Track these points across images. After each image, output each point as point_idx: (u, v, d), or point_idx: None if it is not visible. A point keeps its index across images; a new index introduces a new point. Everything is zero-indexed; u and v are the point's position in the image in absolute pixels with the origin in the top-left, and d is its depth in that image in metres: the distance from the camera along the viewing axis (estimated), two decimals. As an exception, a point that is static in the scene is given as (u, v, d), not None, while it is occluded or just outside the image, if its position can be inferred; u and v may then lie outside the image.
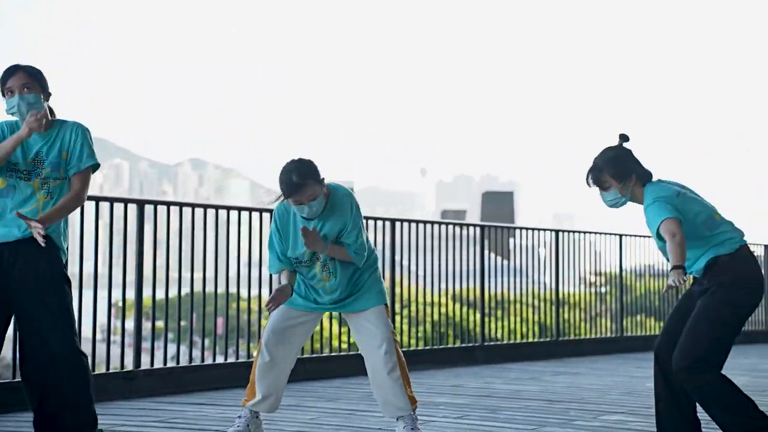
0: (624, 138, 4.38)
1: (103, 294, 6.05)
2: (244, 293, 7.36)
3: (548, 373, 7.99)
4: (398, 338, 4.56)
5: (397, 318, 8.73)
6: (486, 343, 9.01)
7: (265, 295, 7.18)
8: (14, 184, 4.04)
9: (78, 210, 5.43)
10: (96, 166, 4.15)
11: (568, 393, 6.59)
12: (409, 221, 8.57)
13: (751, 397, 6.41)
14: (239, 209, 6.95)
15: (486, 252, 9.48)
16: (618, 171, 4.24)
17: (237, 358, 7.21)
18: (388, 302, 4.60)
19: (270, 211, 7.24)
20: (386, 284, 8.24)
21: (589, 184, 4.33)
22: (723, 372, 4.20)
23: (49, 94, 4.16)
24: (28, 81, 4.08)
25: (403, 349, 8.28)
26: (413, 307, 8.86)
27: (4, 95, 4.12)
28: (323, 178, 4.30)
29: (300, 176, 4.22)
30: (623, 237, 10.66)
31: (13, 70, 4.11)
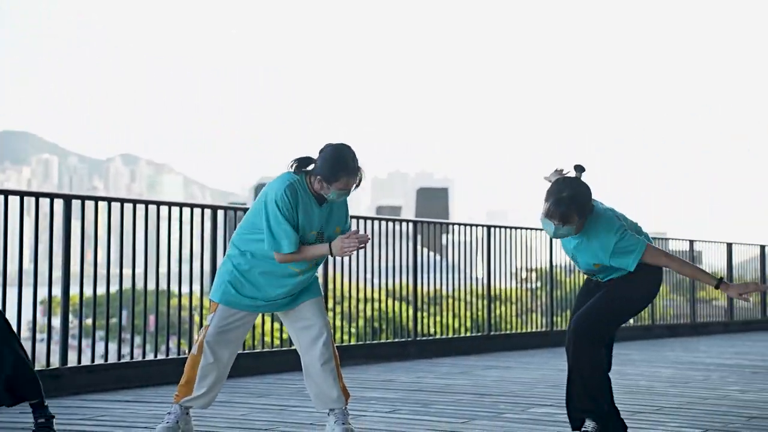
0: (580, 169, 4.38)
1: (29, 291, 5.93)
2: (179, 290, 7.28)
3: (479, 367, 8.08)
4: (331, 333, 4.56)
5: (331, 314, 8.73)
6: (418, 338, 9.06)
7: (197, 291, 7.12)
8: None
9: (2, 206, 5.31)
10: None
11: (498, 387, 6.67)
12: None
13: (677, 387, 6.57)
14: (169, 204, 6.86)
15: (420, 248, 9.54)
16: (584, 211, 4.26)
17: (167, 355, 7.13)
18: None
19: (204, 206, 7.19)
20: (320, 281, 8.28)
21: (550, 216, 4.24)
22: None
23: None
24: None
25: (336, 345, 8.31)
26: (348, 304, 8.86)
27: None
28: None
29: (357, 161, 4.25)
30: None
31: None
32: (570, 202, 4.20)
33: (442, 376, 7.31)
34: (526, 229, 10.76)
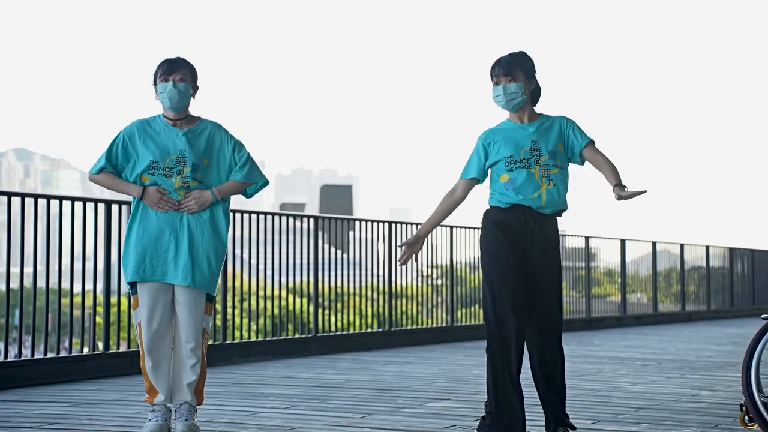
0: None
1: None
2: (71, 288, 7.07)
3: (379, 362, 8.10)
4: (207, 334, 4.51)
5: (236, 311, 8.63)
6: (319, 335, 9.03)
7: (100, 290, 6.94)
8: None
9: None
10: None
11: (397, 381, 6.70)
12: (242, 212, 8.48)
13: (572, 380, 6.71)
14: (60, 199, 6.66)
15: (325, 245, 9.51)
16: (528, 72, 4.23)
17: (58, 353, 6.93)
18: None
19: (100, 201, 7.00)
20: (219, 280, 8.16)
21: (494, 75, 4.21)
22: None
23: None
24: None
25: (238, 341, 8.24)
26: (251, 300, 8.77)
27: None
28: None
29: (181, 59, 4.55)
30: (454, 229, 10.92)
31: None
32: (518, 59, 4.22)
33: (341, 372, 7.30)
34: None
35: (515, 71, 4.18)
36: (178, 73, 4.42)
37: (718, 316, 16.42)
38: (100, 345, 6.97)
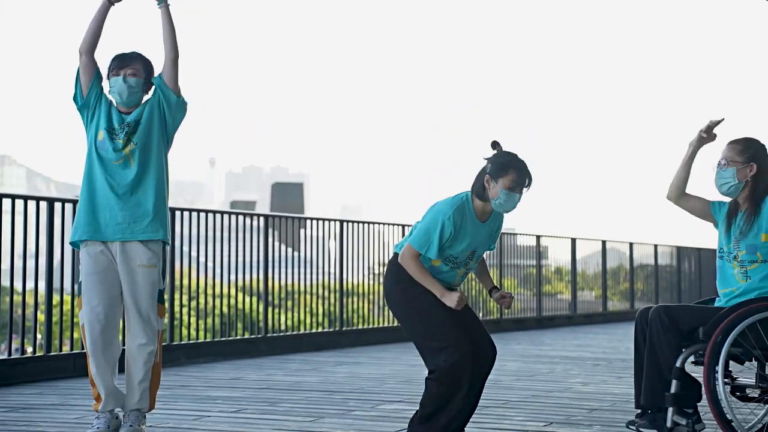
0: (496, 145, 4.11)
1: None
2: (11, 286, 6.86)
3: (330, 363, 7.99)
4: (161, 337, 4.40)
5: (184, 310, 8.47)
6: (269, 335, 8.90)
7: (42, 288, 6.74)
8: None
9: None
10: None
11: (348, 383, 6.61)
12: (192, 210, 8.34)
13: (523, 381, 6.69)
14: (1, 197, 6.44)
15: (275, 243, 9.38)
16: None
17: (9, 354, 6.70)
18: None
19: (45, 199, 6.79)
20: (167, 279, 7.99)
21: (522, 184, 4.00)
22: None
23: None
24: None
25: (186, 342, 8.07)
26: (200, 299, 8.60)
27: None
28: None
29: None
30: (406, 228, 10.86)
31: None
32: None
33: (291, 373, 7.19)
34: (380, 224, 10.77)
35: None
36: (129, 68, 4.29)
37: (666, 314, 16.55)
38: (43, 346, 6.78)
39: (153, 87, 4.36)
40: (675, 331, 4.05)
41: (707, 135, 4.19)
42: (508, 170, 3.96)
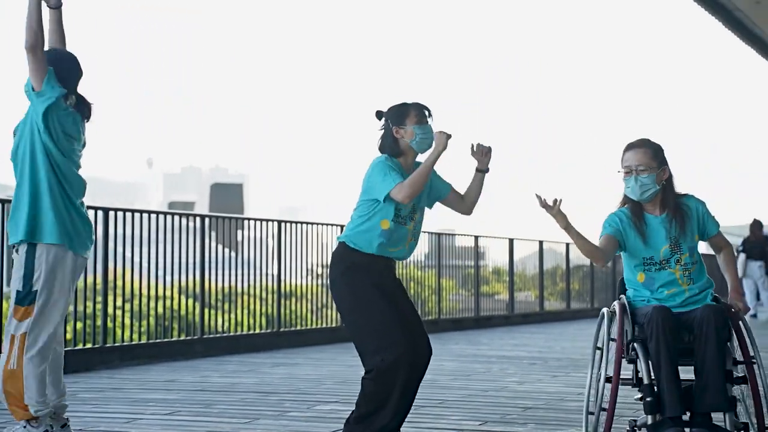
0: (379, 114, 4.15)
1: None
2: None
3: (267, 364, 7.94)
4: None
5: (119, 312, 8.33)
6: (205, 336, 8.81)
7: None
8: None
9: None
10: None
11: (284, 384, 6.57)
12: (128, 211, 8.22)
13: (460, 380, 6.72)
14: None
15: (213, 244, 9.29)
16: None
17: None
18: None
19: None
20: (98, 278, 7.86)
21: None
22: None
23: None
24: None
25: (120, 344, 7.94)
26: (136, 301, 8.46)
27: None
28: None
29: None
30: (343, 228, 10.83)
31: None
32: None
33: (227, 375, 7.12)
34: (320, 224, 10.74)
35: None
36: None
37: (601, 314, 16.82)
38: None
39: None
40: None
41: (552, 206, 3.93)
42: (406, 109, 4.05)
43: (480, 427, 4.88)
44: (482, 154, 4.14)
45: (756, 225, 15.41)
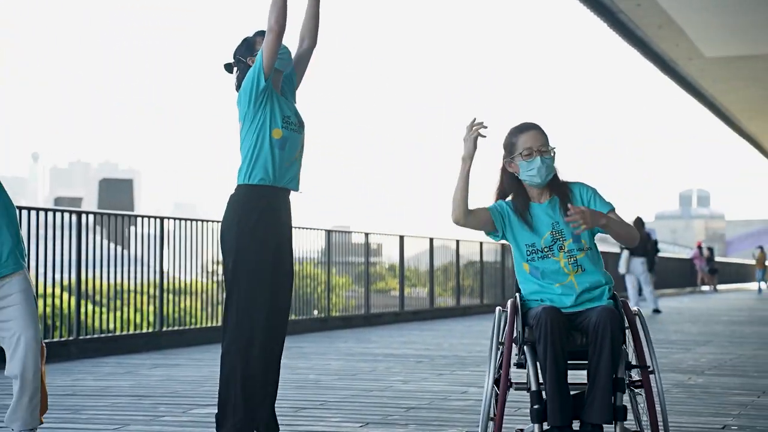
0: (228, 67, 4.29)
1: None
2: None
3: (146, 366, 7.64)
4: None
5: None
6: (81, 337, 8.43)
7: None
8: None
9: None
10: None
11: (161, 387, 6.30)
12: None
13: (344, 380, 6.57)
14: None
15: (98, 240, 8.93)
16: None
17: None
18: None
19: None
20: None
21: None
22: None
23: None
24: None
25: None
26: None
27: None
28: None
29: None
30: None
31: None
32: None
33: (102, 378, 6.80)
34: (211, 221, 10.47)
35: None
36: None
37: (490, 310, 16.95)
38: None
39: None
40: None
41: (470, 130, 3.75)
42: (254, 38, 4.23)
43: (360, 428, 4.75)
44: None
45: (638, 222, 15.81)
